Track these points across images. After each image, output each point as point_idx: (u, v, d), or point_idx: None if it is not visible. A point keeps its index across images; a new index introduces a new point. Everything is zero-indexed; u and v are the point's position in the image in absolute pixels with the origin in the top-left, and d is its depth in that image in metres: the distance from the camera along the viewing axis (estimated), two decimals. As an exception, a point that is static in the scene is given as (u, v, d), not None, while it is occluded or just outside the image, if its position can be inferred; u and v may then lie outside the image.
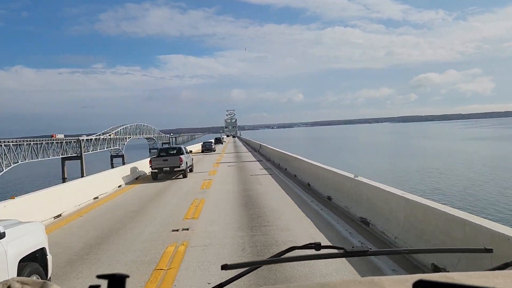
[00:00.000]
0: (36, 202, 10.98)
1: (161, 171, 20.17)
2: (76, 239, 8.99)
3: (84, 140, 71.94)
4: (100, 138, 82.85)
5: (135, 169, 21.97)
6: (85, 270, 6.71)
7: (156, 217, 10.90)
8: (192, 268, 6.48)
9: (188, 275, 6.16)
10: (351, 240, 7.86)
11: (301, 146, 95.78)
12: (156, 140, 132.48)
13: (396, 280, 1.04)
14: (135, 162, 24.05)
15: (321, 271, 5.84)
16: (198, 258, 6.95)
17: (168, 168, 19.97)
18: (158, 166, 20.10)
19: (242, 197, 13.62)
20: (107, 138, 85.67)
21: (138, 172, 22.19)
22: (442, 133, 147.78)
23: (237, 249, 7.46)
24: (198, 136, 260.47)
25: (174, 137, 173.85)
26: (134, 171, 21.69)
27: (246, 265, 1.36)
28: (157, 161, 20.35)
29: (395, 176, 33.58)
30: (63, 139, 66.68)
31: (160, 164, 20.10)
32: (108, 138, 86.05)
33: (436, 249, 3.66)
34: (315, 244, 1.45)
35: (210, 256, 7.02)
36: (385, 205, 8.03)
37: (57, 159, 65.99)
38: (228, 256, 7.04)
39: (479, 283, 1.01)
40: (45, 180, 58.60)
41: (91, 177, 17.40)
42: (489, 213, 18.29)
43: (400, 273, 5.57)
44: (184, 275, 6.15)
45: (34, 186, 39.03)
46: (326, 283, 1.04)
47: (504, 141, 76.36)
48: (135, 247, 7.95)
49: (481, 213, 16.82)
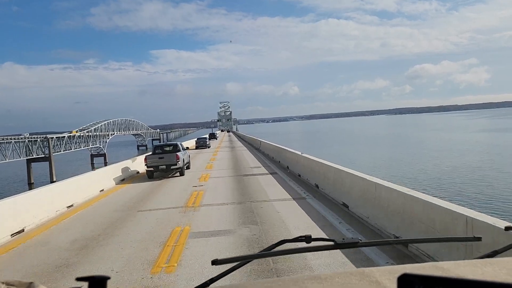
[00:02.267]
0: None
1: (157, 169, 19.42)
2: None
3: (53, 138, 61.82)
4: (76, 135, 72.83)
5: (119, 169, 20.14)
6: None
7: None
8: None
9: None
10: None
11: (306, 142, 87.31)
12: (144, 136, 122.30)
13: (386, 270, 1.07)
14: (123, 162, 21.92)
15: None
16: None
17: (165, 166, 19.25)
18: (153, 164, 19.37)
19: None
20: (84, 135, 75.69)
21: (124, 173, 20.29)
22: (450, 124, 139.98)
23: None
24: (192, 131, 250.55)
25: (164, 133, 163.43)
26: (118, 172, 19.69)
27: (236, 260, 1.37)
28: (152, 158, 19.59)
29: (457, 188, 24.34)
30: (27, 137, 56.54)
31: (156, 162, 19.39)
32: (85, 135, 76.06)
33: (425, 238, 3.78)
34: (305, 237, 1.46)
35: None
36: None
37: (23, 160, 56.80)
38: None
39: (468, 272, 1.03)
40: (9, 185, 50.36)
41: (60, 183, 14.47)
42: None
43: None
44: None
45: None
46: (317, 276, 1.07)
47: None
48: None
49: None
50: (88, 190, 14.98)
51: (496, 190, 22.12)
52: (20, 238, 9.46)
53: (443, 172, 30.06)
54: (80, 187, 14.51)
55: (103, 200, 14.42)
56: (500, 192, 21.56)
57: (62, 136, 67.30)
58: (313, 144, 78.20)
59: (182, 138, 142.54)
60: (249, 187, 14.99)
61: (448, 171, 30.60)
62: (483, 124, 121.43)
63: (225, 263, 1.31)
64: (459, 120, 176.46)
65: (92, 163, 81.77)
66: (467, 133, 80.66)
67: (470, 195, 21.08)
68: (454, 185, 24.48)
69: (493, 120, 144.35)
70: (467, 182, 25.48)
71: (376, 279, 1.01)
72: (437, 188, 23.46)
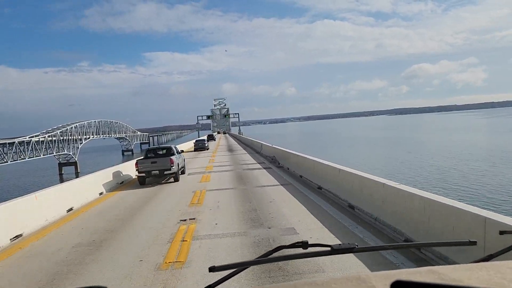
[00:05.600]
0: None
1: (149, 174, 17.62)
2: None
3: (15, 143, 47.21)
4: (32, 141, 58.18)
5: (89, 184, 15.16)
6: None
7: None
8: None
9: None
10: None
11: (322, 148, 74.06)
12: (130, 140, 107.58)
13: (382, 276, 1.07)
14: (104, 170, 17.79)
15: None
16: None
17: (157, 171, 17.51)
18: (145, 169, 17.60)
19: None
20: (46, 140, 61.21)
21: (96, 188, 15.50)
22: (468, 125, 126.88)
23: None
24: (186, 133, 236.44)
25: (155, 135, 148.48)
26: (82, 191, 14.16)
27: (234, 266, 1.37)
28: (144, 163, 17.71)
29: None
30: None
31: (148, 167, 17.63)
32: (47, 140, 61.58)
33: (421, 243, 3.42)
34: (302, 242, 1.47)
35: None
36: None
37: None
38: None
39: (463, 276, 1.04)
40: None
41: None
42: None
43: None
44: None
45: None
46: (313, 281, 1.07)
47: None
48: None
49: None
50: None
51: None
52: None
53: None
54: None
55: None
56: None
57: (22, 141, 52.39)
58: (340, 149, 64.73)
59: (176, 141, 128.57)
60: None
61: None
62: (504, 123, 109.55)
63: (222, 270, 1.31)
64: (473, 120, 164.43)
65: (61, 173, 67.96)
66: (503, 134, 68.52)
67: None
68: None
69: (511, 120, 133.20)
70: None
71: (372, 284, 1.02)
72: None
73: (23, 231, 9.47)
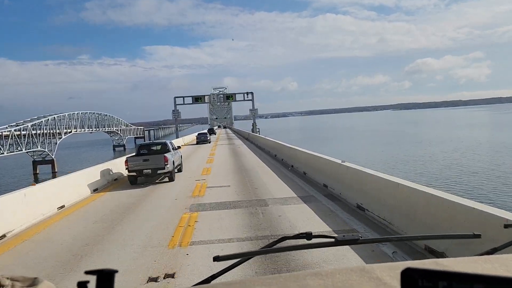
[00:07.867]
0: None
1: (140, 173, 15.94)
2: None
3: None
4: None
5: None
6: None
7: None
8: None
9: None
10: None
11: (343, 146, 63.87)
12: (122, 134, 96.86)
13: (387, 267, 1.07)
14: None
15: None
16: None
17: (150, 170, 15.84)
18: (136, 167, 15.93)
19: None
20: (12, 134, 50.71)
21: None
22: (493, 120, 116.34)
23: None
24: (186, 127, 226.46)
25: (151, 129, 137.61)
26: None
27: (238, 256, 1.37)
28: (135, 161, 16.11)
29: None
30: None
31: (139, 165, 15.94)
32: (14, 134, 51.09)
33: (425, 235, 3.65)
34: (306, 234, 1.45)
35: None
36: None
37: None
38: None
39: (468, 269, 1.04)
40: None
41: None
42: None
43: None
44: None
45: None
46: (318, 272, 1.07)
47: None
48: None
49: None
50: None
51: None
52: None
53: None
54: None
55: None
56: None
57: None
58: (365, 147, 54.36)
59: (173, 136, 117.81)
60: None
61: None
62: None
63: (226, 260, 1.31)
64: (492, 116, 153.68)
65: (35, 173, 57.66)
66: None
67: None
68: None
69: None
70: None
71: (376, 275, 1.02)
72: None
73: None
